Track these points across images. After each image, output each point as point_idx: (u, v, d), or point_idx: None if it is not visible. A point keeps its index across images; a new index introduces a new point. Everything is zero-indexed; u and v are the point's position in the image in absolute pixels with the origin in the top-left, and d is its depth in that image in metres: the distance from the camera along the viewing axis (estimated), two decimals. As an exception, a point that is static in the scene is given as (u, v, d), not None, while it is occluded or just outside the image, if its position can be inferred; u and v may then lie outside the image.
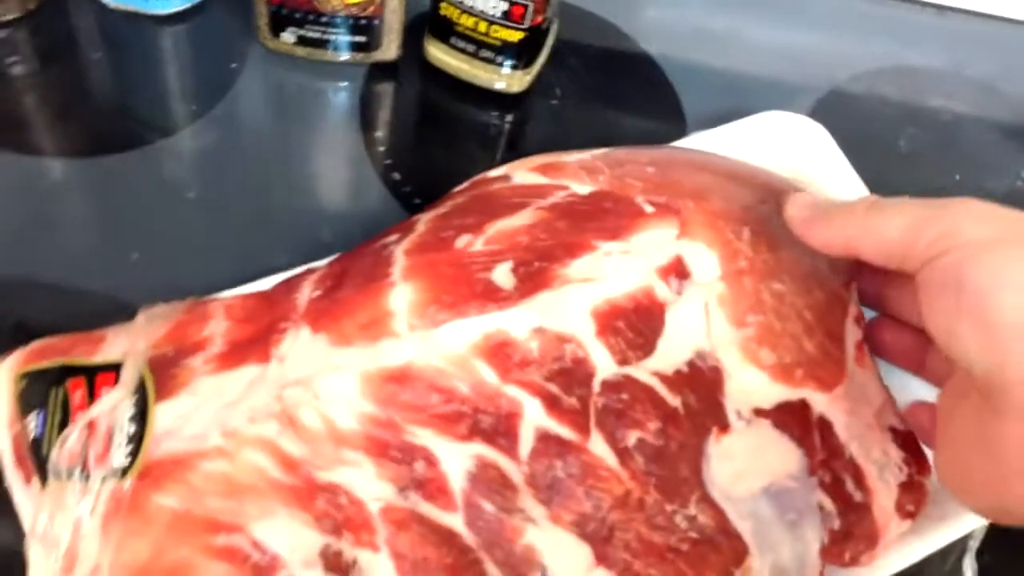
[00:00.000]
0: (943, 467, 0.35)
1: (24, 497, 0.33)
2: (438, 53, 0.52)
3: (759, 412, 0.37)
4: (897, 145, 0.56)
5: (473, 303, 0.35)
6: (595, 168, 0.41)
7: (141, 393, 0.33)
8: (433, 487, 0.34)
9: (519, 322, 0.35)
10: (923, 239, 0.32)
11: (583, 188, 0.40)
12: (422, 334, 0.35)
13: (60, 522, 0.31)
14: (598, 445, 0.35)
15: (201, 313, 0.37)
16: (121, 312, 0.37)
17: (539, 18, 0.48)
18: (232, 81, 0.51)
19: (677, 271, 0.38)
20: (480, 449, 0.34)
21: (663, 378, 0.36)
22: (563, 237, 0.38)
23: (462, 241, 0.37)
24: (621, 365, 0.36)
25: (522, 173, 0.41)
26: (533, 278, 0.36)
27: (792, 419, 0.37)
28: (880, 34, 0.61)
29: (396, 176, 0.49)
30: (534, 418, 0.35)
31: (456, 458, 0.34)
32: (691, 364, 0.37)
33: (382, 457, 0.34)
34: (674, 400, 0.36)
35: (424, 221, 0.39)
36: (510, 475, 0.34)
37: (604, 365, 0.36)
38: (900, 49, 0.60)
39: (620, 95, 0.56)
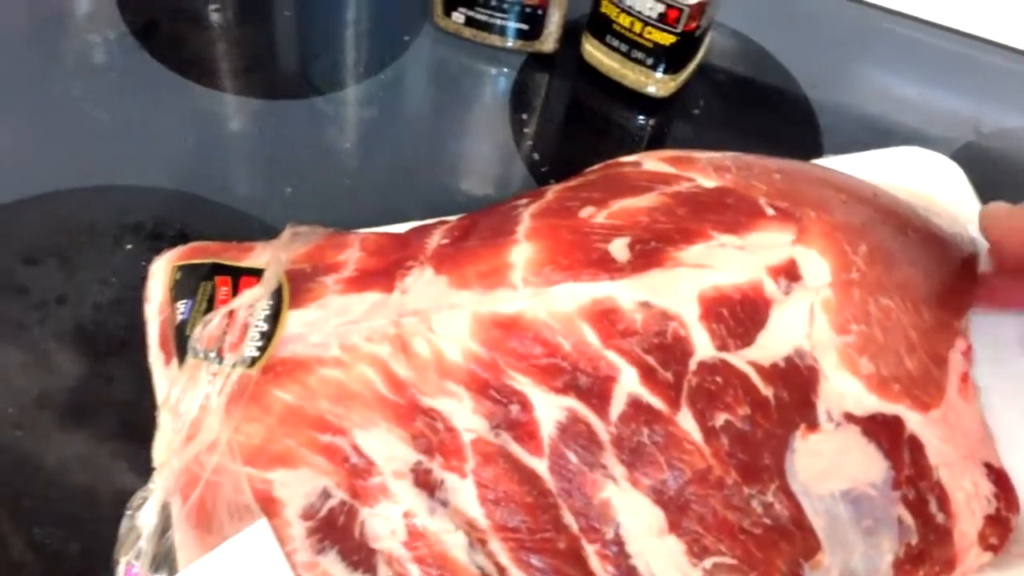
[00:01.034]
0: None
1: (162, 375, 0.36)
2: (593, 50, 0.54)
3: (850, 417, 0.37)
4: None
5: (587, 269, 0.37)
6: (723, 166, 0.42)
7: (277, 298, 0.36)
8: (523, 430, 0.35)
9: (627, 294, 0.36)
10: None
11: (709, 182, 0.41)
12: (535, 290, 0.36)
13: (190, 396, 0.34)
14: (686, 420, 0.36)
15: (339, 241, 0.40)
16: (269, 235, 0.40)
17: (693, 24, 0.49)
18: (401, 52, 0.55)
19: (788, 272, 0.38)
20: (573, 404, 0.36)
21: (758, 368, 0.37)
22: (682, 223, 0.39)
23: (586, 212, 0.39)
24: (719, 350, 0.36)
25: (653, 162, 0.42)
26: (647, 255, 0.37)
27: (883, 431, 0.37)
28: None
29: (536, 156, 0.52)
30: (629, 384, 0.36)
31: (549, 408, 0.36)
32: (788, 360, 0.37)
33: (481, 394, 0.36)
34: (766, 390, 0.36)
35: (554, 190, 0.41)
36: (598, 433, 0.35)
37: (703, 347, 0.36)
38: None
39: (762, 120, 0.56)
